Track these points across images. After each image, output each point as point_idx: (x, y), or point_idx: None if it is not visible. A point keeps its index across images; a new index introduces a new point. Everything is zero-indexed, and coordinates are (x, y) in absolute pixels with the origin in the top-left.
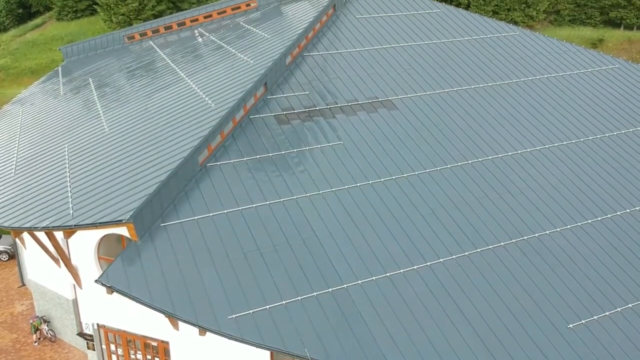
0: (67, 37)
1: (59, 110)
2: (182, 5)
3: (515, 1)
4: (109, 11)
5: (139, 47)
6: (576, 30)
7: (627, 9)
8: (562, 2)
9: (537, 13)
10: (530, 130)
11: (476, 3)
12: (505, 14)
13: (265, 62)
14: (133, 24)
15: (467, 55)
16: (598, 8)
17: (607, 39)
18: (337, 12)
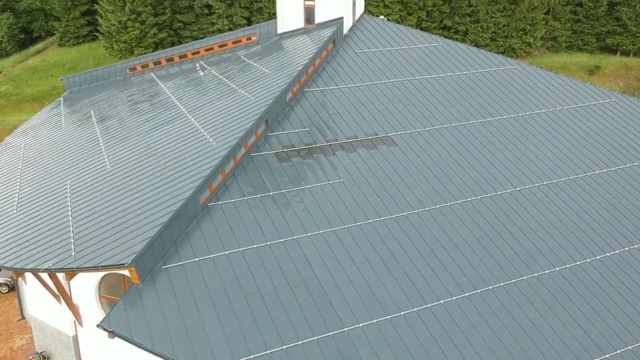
0: (68, 64)
1: (61, 144)
2: (182, 33)
3: (512, 28)
4: (110, 39)
5: (141, 78)
6: (573, 56)
7: (623, 35)
8: (558, 29)
9: (534, 40)
10: (529, 167)
11: (474, 30)
12: (502, 40)
13: (266, 100)
14: (134, 51)
15: (465, 89)
16: (594, 35)
17: (604, 65)
18: (336, 47)
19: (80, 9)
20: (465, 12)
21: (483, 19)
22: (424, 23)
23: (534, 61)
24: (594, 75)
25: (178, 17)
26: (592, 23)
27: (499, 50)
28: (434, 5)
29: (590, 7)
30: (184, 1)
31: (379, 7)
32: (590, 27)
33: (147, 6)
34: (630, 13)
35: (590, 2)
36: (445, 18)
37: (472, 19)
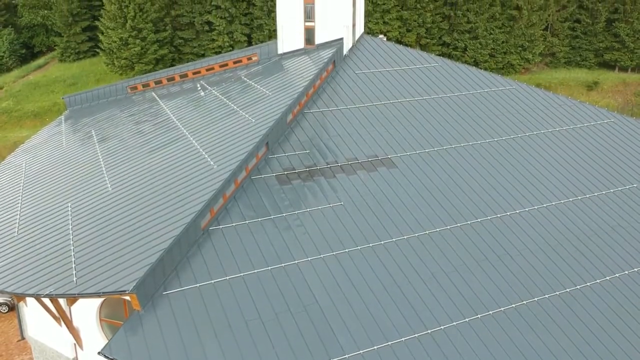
0: (69, 80)
1: (63, 164)
2: (183, 49)
3: (511, 45)
4: (111, 55)
5: (142, 97)
6: (572, 72)
7: (621, 51)
8: (557, 45)
9: (533, 56)
10: (529, 189)
11: (473, 47)
12: (501, 57)
13: (267, 122)
14: (135, 67)
15: (465, 110)
16: (592, 50)
17: (602, 81)
18: (336, 68)
19: (81, 25)
20: (464, 29)
21: (482, 36)
22: (423, 39)
23: (532, 77)
24: (592, 91)
25: (179, 33)
26: (590, 39)
27: (497, 66)
28: (433, 22)
29: (588, 24)
30: (185, 18)
31: (378, 24)
32: (588, 43)
33: (148, 23)
34: (628, 29)
35: (588, 19)
36: (445, 34)
37: (471, 36)
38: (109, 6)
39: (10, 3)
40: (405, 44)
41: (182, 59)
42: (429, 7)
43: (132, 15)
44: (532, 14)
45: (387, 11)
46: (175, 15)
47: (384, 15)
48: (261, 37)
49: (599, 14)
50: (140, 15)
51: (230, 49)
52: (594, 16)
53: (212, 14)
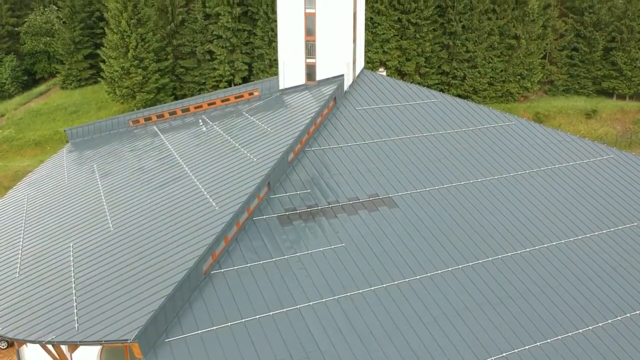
0: (70, 107)
1: (64, 201)
2: (184, 78)
3: (510, 73)
4: (112, 84)
5: (144, 130)
6: (570, 100)
7: (619, 79)
8: (555, 73)
9: (531, 84)
10: (529, 228)
11: (472, 75)
12: (500, 85)
13: (269, 161)
14: (136, 96)
15: (465, 147)
16: (591, 78)
17: (601, 109)
18: (337, 104)
19: (83, 52)
20: (463, 58)
21: (481, 64)
22: (422, 68)
23: (531, 105)
24: (591, 119)
25: (180, 62)
26: (588, 67)
27: (496, 95)
28: (432, 51)
29: (586, 52)
30: (186, 47)
31: (378, 53)
32: (586, 71)
33: (150, 52)
34: (626, 58)
35: (585, 47)
36: (444, 63)
37: (470, 64)
38: (111, 35)
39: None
40: (404, 73)
41: (183, 88)
42: (428, 36)
43: (134, 45)
44: (531, 42)
45: (387, 40)
46: (177, 44)
47: (384, 45)
48: (262, 67)
49: (597, 42)
50: (142, 45)
51: (231, 77)
52: (592, 45)
53: (214, 43)
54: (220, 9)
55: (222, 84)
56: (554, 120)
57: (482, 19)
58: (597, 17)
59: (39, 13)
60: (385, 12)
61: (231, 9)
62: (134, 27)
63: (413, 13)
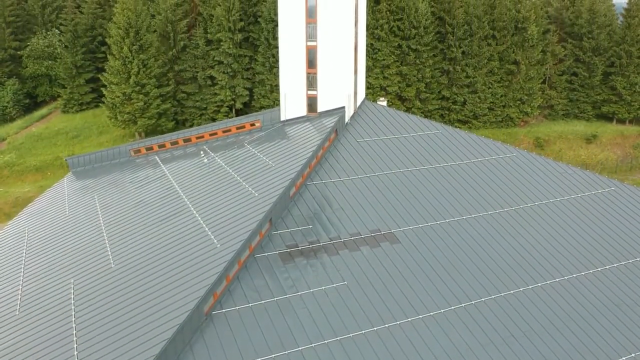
0: (72, 132)
1: (65, 234)
2: (186, 103)
3: (510, 98)
4: (114, 109)
5: (145, 160)
6: (570, 124)
7: (619, 104)
8: (555, 97)
9: (531, 109)
10: (532, 264)
11: (472, 101)
12: (500, 110)
13: (271, 197)
14: (138, 122)
15: (466, 180)
16: (590, 103)
17: (601, 134)
18: (338, 137)
19: (84, 77)
20: (463, 83)
21: (481, 90)
22: (422, 94)
23: (531, 130)
24: (591, 144)
25: (182, 87)
26: (587, 92)
27: (497, 120)
28: (432, 77)
29: (586, 77)
30: (188, 73)
31: (378, 79)
32: (586, 95)
33: (152, 78)
34: (625, 82)
35: (585, 72)
36: (444, 89)
37: (470, 90)
38: (113, 62)
39: (15, 54)
40: (405, 98)
41: (184, 113)
42: (428, 62)
43: (136, 71)
44: (530, 68)
45: (387, 66)
46: (179, 70)
47: (384, 71)
48: (263, 92)
49: (596, 67)
50: (143, 71)
51: (232, 102)
52: (591, 69)
53: (215, 69)
54: (221, 35)
55: (223, 108)
56: (554, 145)
57: (481, 44)
58: (596, 42)
59: (41, 37)
60: (386, 39)
61: (232, 35)
62: (136, 53)
63: (413, 39)
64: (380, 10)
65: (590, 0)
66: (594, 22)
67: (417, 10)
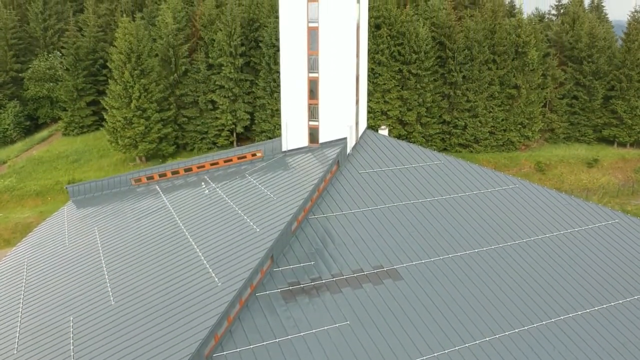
0: (72, 155)
1: (65, 268)
2: (187, 127)
3: (511, 122)
4: (115, 134)
5: (146, 190)
6: (571, 148)
7: (619, 127)
8: (556, 121)
9: (532, 133)
10: (536, 301)
11: (473, 125)
12: (501, 134)
13: (272, 232)
14: (139, 146)
15: (469, 213)
16: (591, 126)
17: (602, 157)
18: (340, 168)
19: (85, 99)
20: (464, 108)
21: (481, 114)
22: (423, 118)
23: (533, 154)
24: (592, 168)
25: (183, 112)
26: (588, 115)
27: (497, 144)
28: (433, 101)
29: (586, 100)
30: (189, 97)
31: (379, 103)
32: (586, 119)
33: (153, 102)
34: (625, 106)
35: (585, 96)
36: (445, 113)
37: (471, 114)
38: (114, 86)
39: (17, 76)
40: (405, 122)
41: (185, 137)
42: (429, 86)
43: (137, 96)
44: (531, 92)
45: (388, 91)
46: (180, 94)
47: (385, 95)
48: (263, 116)
49: (596, 91)
50: (145, 95)
51: (233, 126)
52: (591, 93)
53: (216, 93)
54: (223, 59)
55: (224, 133)
56: (555, 169)
57: (482, 69)
58: (596, 66)
59: (42, 59)
60: (387, 63)
61: (234, 60)
62: (137, 78)
63: (414, 64)
64: (381, 35)
65: (590, 24)
66: (593, 46)
67: (417, 35)
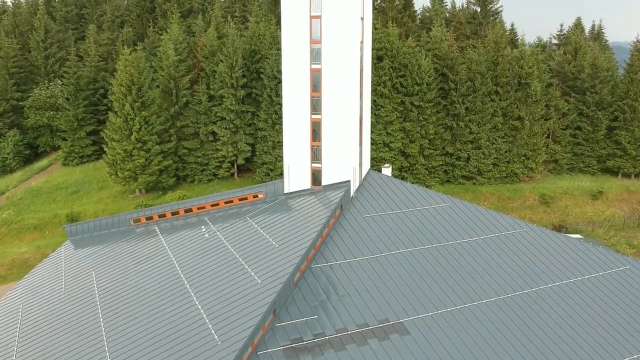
0: (71, 187)
1: (61, 318)
2: (187, 159)
3: (514, 154)
4: (114, 166)
5: (145, 230)
6: (575, 179)
7: (624, 158)
8: (559, 152)
9: (536, 165)
10: (546, 355)
11: (476, 157)
12: (505, 166)
13: (274, 285)
14: (139, 179)
15: (477, 260)
16: (595, 157)
17: (607, 189)
18: (344, 212)
19: (86, 129)
20: (466, 139)
21: (485, 146)
22: (426, 150)
23: (537, 186)
24: (597, 200)
25: (183, 143)
26: (592, 146)
27: (501, 175)
28: (435, 133)
29: (590, 131)
30: (190, 128)
31: (381, 135)
32: (590, 150)
33: (153, 135)
34: (629, 137)
35: (589, 126)
36: (447, 145)
37: (474, 146)
38: (115, 119)
39: (17, 105)
40: (408, 154)
41: (185, 168)
42: (432, 118)
43: (138, 128)
44: (534, 123)
45: (390, 122)
46: (181, 125)
47: (387, 127)
48: (265, 148)
49: (600, 121)
50: (145, 128)
51: (234, 158)
52: (595, 124)
53: (217, 124)
54: (224, 91)
55: (225, 164)
56: (560, 202)
57: (485, 100)
58: (600, 96)
59: (43, 87)
60: (389, 95)
61: (235, 92)
62: (137, 110)
63: (416, 96)
64: (383, 67)
65: (592, 55)
66: (596, 77)
67: (420, 67)
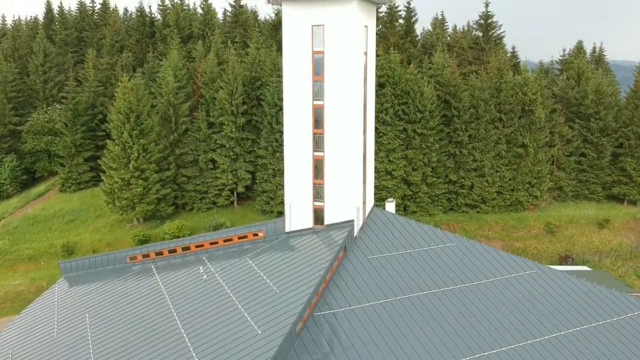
0: (68, 215)
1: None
2: (186, 187)
3: (518, 182)
4: (112, 195)
5: (141, 268)
6: (580, 207)
7: (629, 185)
8: (564, 179)
9: (541, 193)
10: None
11: (480, 184)
12: (509, 194)
13: (276, 337)
14: (136, 208)
15: (486, 305)
16: (600, 184)
17: (613, 217)
18: (347, 253)
19: (84, 155)
20: (470, 167)
21: (488, 174)
22: (429, 178)
23: (542, 214)
24: (604, 229)
25: (182, 171)
26: (597, 173)
27: (505, 204)
28: (438, 161)
29: (594, 158)
30: (189, 156)
31: (383, 163)
32: (595, 176)
33: (152, 163)
34: (634, 164)
35: (593, 153)
36: (451, 172)
37: (478, 173)
38: (113, 147)
39: (15, 129)
40: (410, 182)
41: (184, 197)
42: (435, 146)
43: (136, 156)
44: (538, 150)
45: (392, 150)
46: (179, 153)
47: (389, 155)
48: (265, 176)
49: (604, 148)
50: (144, 156)
51: (234, 186)
52: (599, 150)
53: (217, 152)
54: (224, 118)
55: (224, 192)
56: (565, 231)
57: (488, 127)
58: (604, 123)
59: (42, 112)
60: (391, 122)
61: (235, 119)
62: (136, 138)
63: (419, 123)
64: (385, 94)
65: (595, 80)
66: (600, 103)
67: (422, 94)
